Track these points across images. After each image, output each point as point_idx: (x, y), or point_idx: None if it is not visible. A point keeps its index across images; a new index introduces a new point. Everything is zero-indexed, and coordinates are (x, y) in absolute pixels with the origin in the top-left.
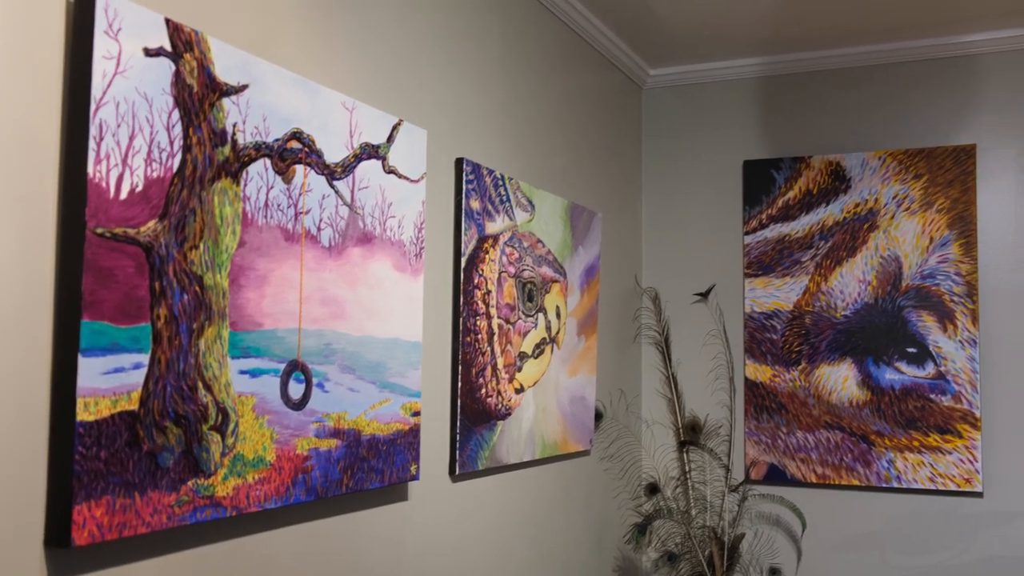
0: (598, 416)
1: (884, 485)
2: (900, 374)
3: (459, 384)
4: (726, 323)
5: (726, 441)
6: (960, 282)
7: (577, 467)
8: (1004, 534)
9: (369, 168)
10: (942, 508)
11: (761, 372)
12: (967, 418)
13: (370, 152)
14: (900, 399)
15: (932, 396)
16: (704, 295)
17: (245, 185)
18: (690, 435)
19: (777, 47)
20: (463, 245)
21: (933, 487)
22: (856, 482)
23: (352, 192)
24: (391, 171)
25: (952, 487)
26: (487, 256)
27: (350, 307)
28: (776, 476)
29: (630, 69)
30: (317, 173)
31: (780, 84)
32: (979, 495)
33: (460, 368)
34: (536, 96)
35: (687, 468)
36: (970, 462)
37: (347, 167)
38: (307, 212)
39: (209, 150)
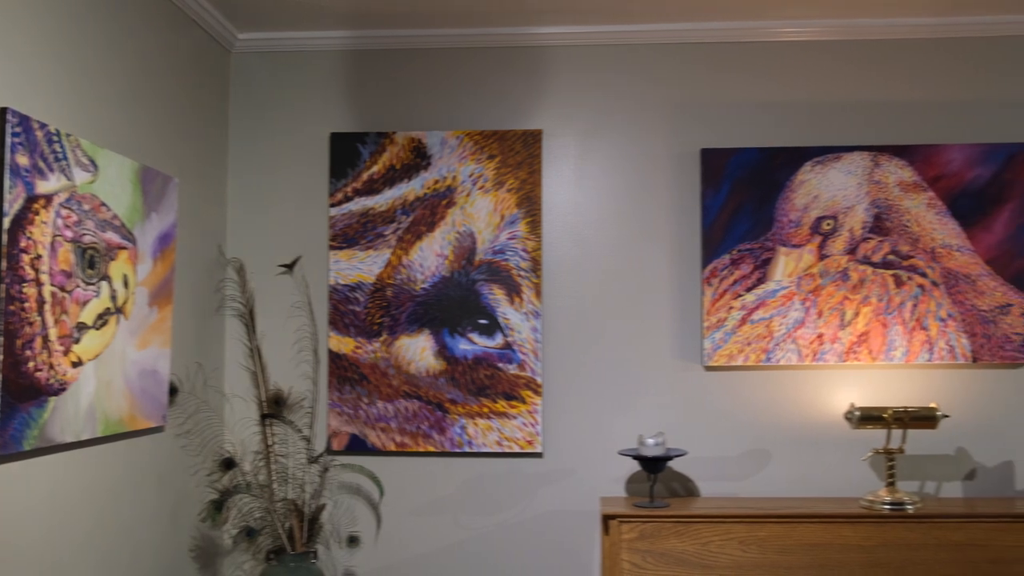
0: (173, 391)
1: (457, 450)
2: (473, 344)
3: None
4: (311, 295)
5: (309, 413)
6: (527, 258)
7: (149, 444)
8: (560, 490)
9: None
10: (508, 469)
11: (344, 344)
12: (530, 384)
13: None
14: (472, 368)
15: (500, 365)
16: (289, 267)
17: None
18: (273, 408)
19: (364, 22)
20: (6, 204)
21: (500, 450)
22: (432, 448)
23: None
24: None
25: (516, 449)
26: (37, 218)
27: None
28: (358, 446)
29: (216, 31)
30: None
31: (368, 59)
32: (539, 455)
33: (2, 339)
34: (104, 48)
35: (270, 442)
36: (532, 425)
37: None
38: None
39: None
